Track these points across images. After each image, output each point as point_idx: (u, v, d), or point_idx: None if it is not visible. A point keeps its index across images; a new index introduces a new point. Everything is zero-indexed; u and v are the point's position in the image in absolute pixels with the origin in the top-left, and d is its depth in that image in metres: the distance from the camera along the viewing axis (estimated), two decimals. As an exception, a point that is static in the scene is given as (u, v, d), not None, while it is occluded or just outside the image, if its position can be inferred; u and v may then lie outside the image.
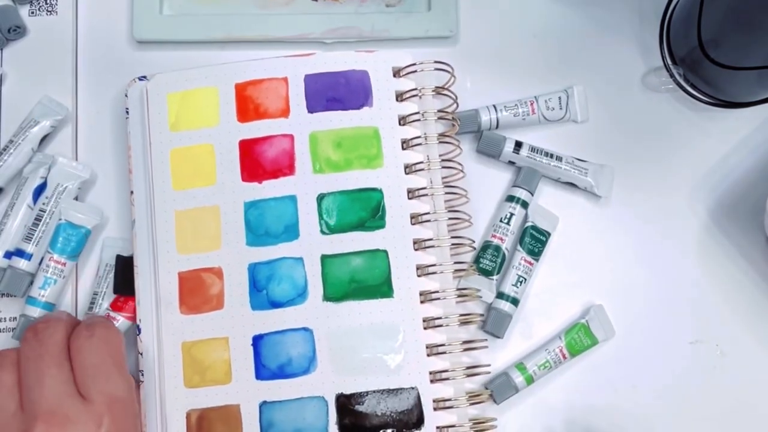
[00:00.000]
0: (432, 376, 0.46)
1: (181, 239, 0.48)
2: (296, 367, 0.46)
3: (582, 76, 0.54)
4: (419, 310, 0.47)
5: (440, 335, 0.47)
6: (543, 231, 0.51)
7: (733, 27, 0.49)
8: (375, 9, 0.54)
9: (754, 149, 0.54)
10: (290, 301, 0.47)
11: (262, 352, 0.46)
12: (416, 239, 0.48)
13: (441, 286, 0.47)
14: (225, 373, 0.46)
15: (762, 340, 0.52)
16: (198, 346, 0.46)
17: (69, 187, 0.50)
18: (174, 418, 0.45)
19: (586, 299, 0.52)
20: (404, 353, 0.46)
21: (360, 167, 0.49)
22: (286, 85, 0.50)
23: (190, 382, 0.46)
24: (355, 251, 0.47)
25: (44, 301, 0.48)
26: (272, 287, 0.47)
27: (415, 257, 0.47)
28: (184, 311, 0.47)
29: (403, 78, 0.50)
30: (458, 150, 0.50)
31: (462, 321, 0.47)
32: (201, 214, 0.48)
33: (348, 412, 0.45)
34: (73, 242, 0.49)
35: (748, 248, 0.53)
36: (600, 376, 0.51)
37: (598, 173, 0.52)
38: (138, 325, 0.47)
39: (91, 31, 0.54)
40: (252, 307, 0.47)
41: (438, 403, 0.46)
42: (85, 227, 0.49)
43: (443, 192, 0.49)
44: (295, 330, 0.46)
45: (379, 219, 0.48)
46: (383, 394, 0.46)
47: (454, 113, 0.50)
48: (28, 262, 0.48)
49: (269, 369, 0.46)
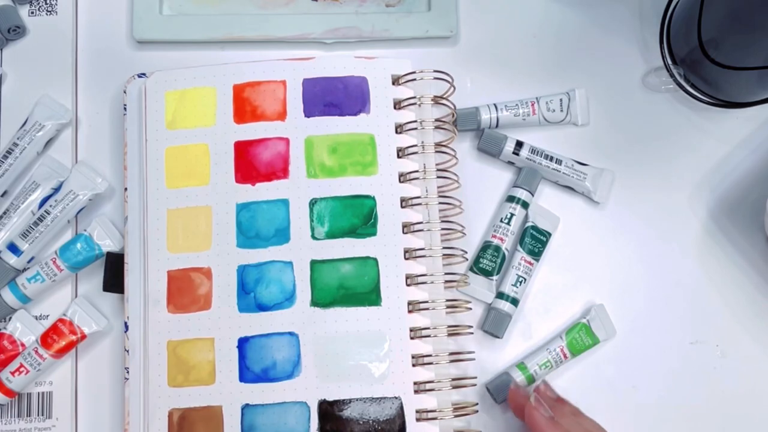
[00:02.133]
0: (416, 386, 0.46)
1: (172, 238, 0.48)
2: (280, 372, 0.46)
3: (582, 76, 0.54)
4: (407, 319, 0.47)
5: (427, 346, 0.47)
6: (543, 231, 0.51)
7: (734, 27, 0.48)
8: (375, 9, 0.54)
9: (754, 149, 0.54)
10: (278, 304, 0.47)
11: (246, 354, 0.46)
12: (407, 248, 0.48)
13: (430, 296, 0.47)
14: (209, 373, 0.46)
15: (762, 340, 0.51)
16: (183, 346, 0.46)
17: (80, 197, 0.50)
18: (156, 417, 0.45)
19: (587, 299, 0.52)
20: (389, 362, 0.46)
21: (354, 174, 0.48)
22: (284, 88, 0.50)
23: (174, 381, 0.46)
24: (345, 258, 0.47)
25: (23, 293, 0.48)
26: (260, 290, 0.47)
27: (406, 266, 0.47)
28: (172, 310, 0.47)
29: (402, 86, 0.50)
30: (454, 160, 0.49)
31: (450, 332, 0.47)
32: (193, 214, 0.48)
33: (330, 419, 0.45)
34: (81, 257, 0.49)
35: (748, 248, 0.53)
36: (600, 375, 0.51)
37: (597, 178, 0.52)
38: (126, 322, 0.48)
39: (91, 31, 0.54)
40: (239, 309, 0.47)
41: (421, 414, 0.46)
42: (101, 251, 0.49)
43: (437, 202, 0.49)
44: (281, 334, 0.46)
45: (371, 226, 0.48)
46: (366, 402, 0.45)
47: (452, 122, 0.50)
48: (17, 258, 0.49)
49: (253, 372, 0.46)
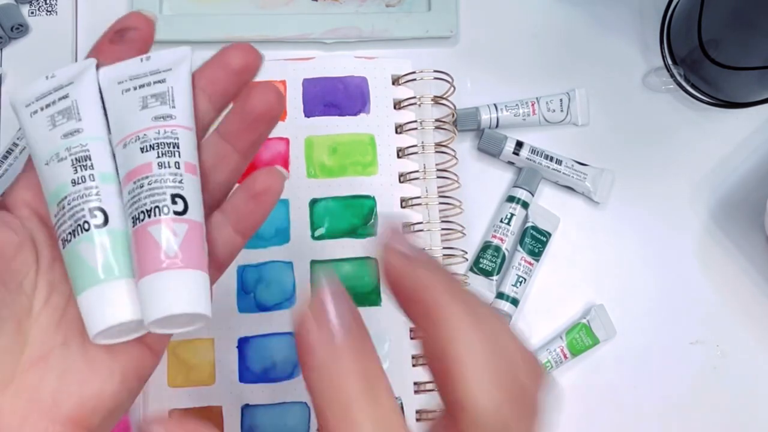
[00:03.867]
0: (416, 386, 0.46)
1: (172, 238, 0.48)
2: (280, 372, 0.46)
3: (582, 76, 0.54)
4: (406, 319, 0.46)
5: (427, 346, 0.47)
6: (543, 231, 0.51)
7: (734, 27, 0.48)
8: (375, 9, 0.54)
9: (754, 149, 0.54)
10: (277, 305, 0.47)
11: (247, 354, 0.46)
12: (407, 248, 0.47)
13: (431, 296, 0.47)
14: (209, 374, 0.46)
15: (762, 341, 0.51)
16: (183, 346, 0.46)
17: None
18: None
19: (587, 299, 0.51)
20: (389, 362, 0.46)
21: (354, 174, 0.48)
22: (284, 88, 0.50)
23: (174, 382, 0.46)
24: (345, 258, 0.47)
25: None
26: (260, 290, 0.47)
27: (405, 266, 0.47)
28: (172, 310, 0.47)
29: (402, 86, 0.50)
30: (454, 160, 0.49)
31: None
32: (193, 214, 0.48)
33: (330, 419, 0.45)
34: None
35: (748, 248, 0.52)
36: (600, 375, 0.51)
37: (597, 179, 0.52)
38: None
39: (91, 30, 0.54)
40: (239, 310, 0.47)
41: (421, 414, 0.46)
42: None
43: (438, 202, 0.49)
44: (281, 334, 0.46)
45: (371, 226, 0.48)
46: (366, 402, 0.45)
47: (452, 122, 0.50)
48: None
49: (253, 372, 0.46)
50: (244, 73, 0.32)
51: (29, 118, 0.30)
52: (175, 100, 0.30)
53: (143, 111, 0.30)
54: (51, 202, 0.29)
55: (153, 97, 0.30)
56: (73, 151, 0.29)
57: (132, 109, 0.30)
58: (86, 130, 0.30)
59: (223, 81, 0.32)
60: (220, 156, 0.32)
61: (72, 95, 0.30)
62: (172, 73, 0.31)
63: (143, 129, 0.30)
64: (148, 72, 0.31)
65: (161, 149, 0.29)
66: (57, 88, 0.31)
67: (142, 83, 0.31)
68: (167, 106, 0.30)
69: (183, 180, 0.29)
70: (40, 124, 0.30)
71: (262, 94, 0.31)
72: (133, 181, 0.28)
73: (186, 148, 0.30)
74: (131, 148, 0.29)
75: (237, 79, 0.32)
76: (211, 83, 0.32)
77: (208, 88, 0.32)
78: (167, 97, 0.30)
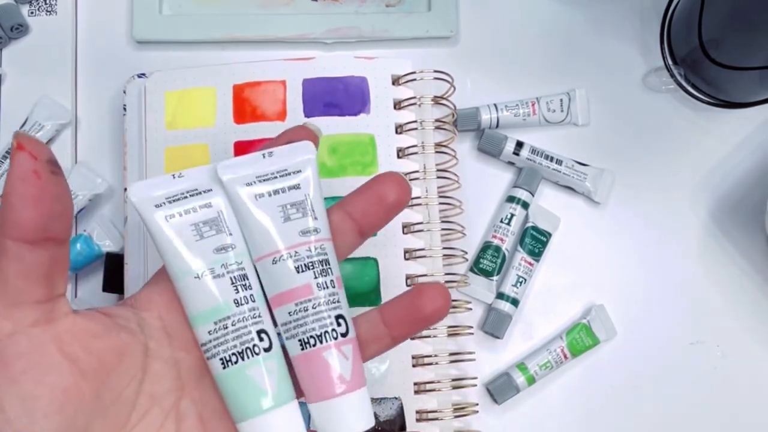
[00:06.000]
0: (416, 386, 0.46)
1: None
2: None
3: (582, 76, 0.54)
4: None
5: (427, 346, 0.47)
6: (544, 231, 0.51)
7: (734, 27, 0.48)
8: (375, 9, 0.54)
9: (754, 149, 0.54)
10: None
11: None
12: (407, 249, 0.47)
13: (431, 296, 0.47)
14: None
15: (762, 341, 0.51)
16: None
17: (80, 197, 0.50)
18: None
19: (587, 300, 0.52)
20: (389, 362, 0.46)
21: (354, 174, 0.48)
22: (284, 88, 0.49)
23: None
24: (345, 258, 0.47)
25: None
26: (261, 291, 0.47)
27: (406, 267, 0.47)
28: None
29: (402, 86, 0.50)
30: (454, 160, 0.49)
31: (450, 333, 0.47)
32: (193, 215, 0.48)
33: (330, 420, 0.45)
34: (81, 257, 0.49)
35: (748, 248, 0.53)
36: (601, 376, 0.51)
37: (597, 179, 0.52)
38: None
39: (91, 31, 0.54)
40: (239, 310, 0.46)
41: (421, 414, 0.46)
42: (101, 251, 0.49)
43: (438, 202, 0.49)
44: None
45: (371, 227, 0.47)
46: (366, 402, 0.45)
47: (452, 122, 0.50)
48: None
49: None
50: (396, 207, 0.32)
51: (164, 222, 0.29)
52: (315, 210, 0.30)
53: (287, 224, 0.29)
54: (203, 318, 0.28)
55: (293, 207, 0.29)
56: (230, 269, 0.29)
57: (273, 221, 0.29)
58: (238, 246, 0.29)
59: (376, 215, 0.32)
60: (376, 336, 0.32)
61: (215, 205, 0.29)
62: (303, 177, 0.30)
63: (293, 246, 0.29)
64: (276, 173, 0.30)
65: (316, 269, 0.29)
66: (192, 192, 0.29)
67: (276, 188, 0.30)
68: (309, 217, 0.30)
69: (339, 298, 0.30)
70: (182, 232, 0.29)
71: (433, 299, 0.31)
72: (294, 303, 0.28)
73: (334, 262, 0.30)
74: (283, 266, 0.29)
75: (389, 214, 0.32)
76: (364, 215, 0.32)
77: (361, 221, 0.32)
78: (307, 208, 0.30)
